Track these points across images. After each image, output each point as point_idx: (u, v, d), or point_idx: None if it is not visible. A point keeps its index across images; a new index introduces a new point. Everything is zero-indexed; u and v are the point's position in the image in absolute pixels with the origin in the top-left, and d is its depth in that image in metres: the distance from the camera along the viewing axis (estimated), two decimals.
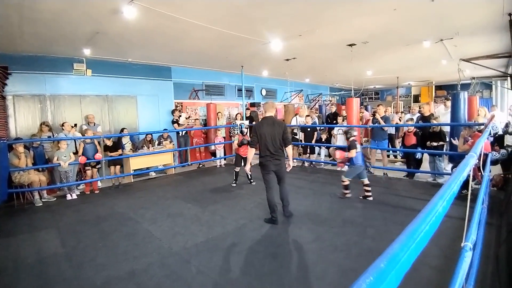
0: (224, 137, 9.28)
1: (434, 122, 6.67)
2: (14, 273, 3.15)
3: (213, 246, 3.57)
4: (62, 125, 6.64)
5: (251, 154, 4.45)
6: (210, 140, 9.19)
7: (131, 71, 8.66)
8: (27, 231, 4.38)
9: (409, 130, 6.73)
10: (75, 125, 7.19)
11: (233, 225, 4.23)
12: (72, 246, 3.76)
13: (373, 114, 7.63)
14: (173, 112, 8.77)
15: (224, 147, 9.14)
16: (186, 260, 3.25)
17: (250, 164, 4.82)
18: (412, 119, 7.28)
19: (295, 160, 8.64)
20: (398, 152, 8.52)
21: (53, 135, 6.61)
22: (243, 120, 9.23)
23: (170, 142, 8.37)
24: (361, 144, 7.32)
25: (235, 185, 6.45)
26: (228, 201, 5.36)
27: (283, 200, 4.40)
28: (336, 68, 10.85)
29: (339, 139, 7.68)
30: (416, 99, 17.01)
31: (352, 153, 5.00)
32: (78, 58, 7.61)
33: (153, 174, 8.05)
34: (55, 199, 6.07)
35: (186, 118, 9.08)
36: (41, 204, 5.73)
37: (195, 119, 9.71)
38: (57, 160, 5.93)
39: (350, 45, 7.28)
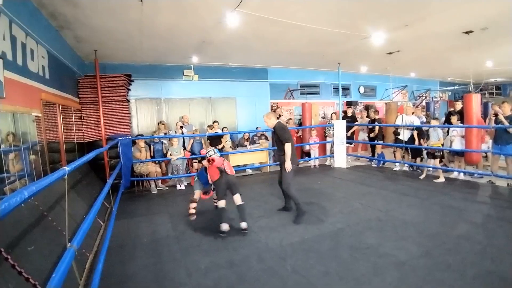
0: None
1: None
2: (132, 249, 3.66)
3: (308, 247, 3.47)
4: (176, 124, 7.59)
5: (290, 150, 4.37)
6: (304, 139, 9.14)
7: (231, 74, 9.28)
8: (145, 214, 5.09)
9: None
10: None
11: (329, 228, 4.04)
12: (181, 231, 4.19)
13: (496, 114, 6.32)
14: (274, 110, 9.09)
15: (318, 147, 8.92)
16: (282, 258, 3.24)
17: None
18: None
19: (397, 164, 7.89)
20: None
21: (168, 133, 7.57)
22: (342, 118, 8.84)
23: (266, 140, 8.61)
24: None
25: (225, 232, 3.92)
26: (323, 203, 5.16)
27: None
28: (448, 59, 9.40)
29: (457, 141, 6.56)
30: None
31: None
32: (187, 65, 8.61)
33: (249, 171, 8.41)
34: (168, 188, 6.94)
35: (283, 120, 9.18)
36: (156, 192, 6.62)
37: (288, 119, 9.75)
38: (170, 154, 6.75)
39: (467, 32, 6.22)
